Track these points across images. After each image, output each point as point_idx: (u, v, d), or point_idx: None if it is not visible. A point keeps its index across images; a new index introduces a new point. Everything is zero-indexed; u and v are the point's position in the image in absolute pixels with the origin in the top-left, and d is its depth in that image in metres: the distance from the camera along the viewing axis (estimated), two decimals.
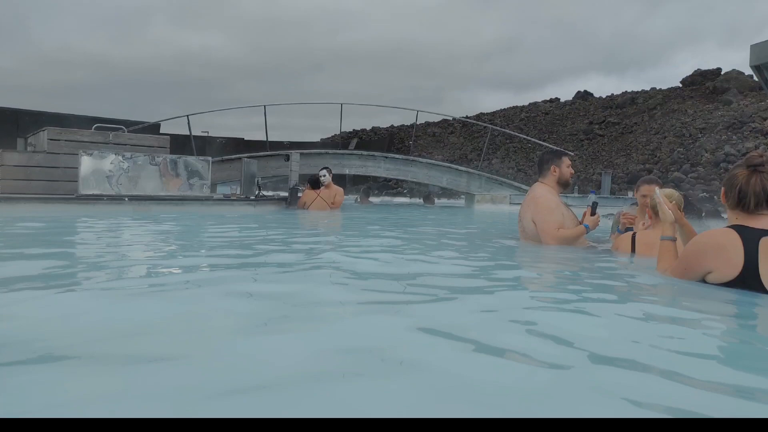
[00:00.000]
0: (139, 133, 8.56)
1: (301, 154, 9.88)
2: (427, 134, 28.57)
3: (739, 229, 2.02)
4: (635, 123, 24.39)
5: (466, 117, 28.04)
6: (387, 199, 18.48)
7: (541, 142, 18.51)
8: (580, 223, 3.62)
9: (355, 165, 11.76)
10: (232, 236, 4.16)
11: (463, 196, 13.56)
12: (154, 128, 11.17)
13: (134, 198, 6.73)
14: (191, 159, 7.49)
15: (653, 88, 27.86)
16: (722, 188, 2.16)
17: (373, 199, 14.53)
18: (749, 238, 1.97)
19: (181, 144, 10.03)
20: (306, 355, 1.18)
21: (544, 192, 3.72)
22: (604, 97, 29.20)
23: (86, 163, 6.64)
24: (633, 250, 3.18)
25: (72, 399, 0.93)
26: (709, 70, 26.19)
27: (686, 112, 23.10)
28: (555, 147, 12.10)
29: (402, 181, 16.05)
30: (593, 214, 3.62)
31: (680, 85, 26.75)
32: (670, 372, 1.10)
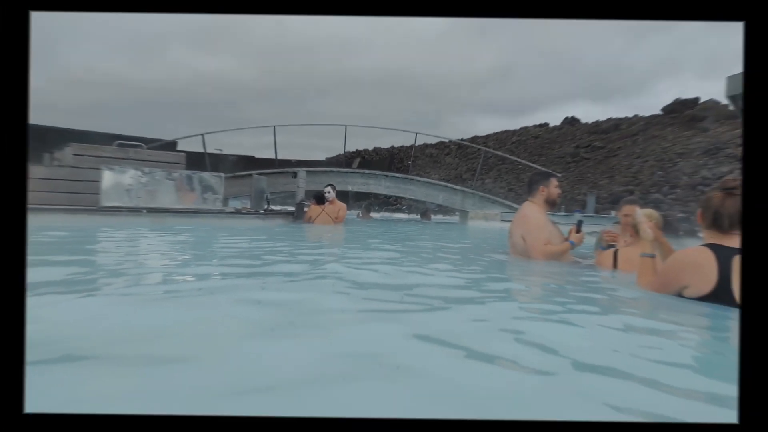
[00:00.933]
0: (157, 149, 8.59)
1: (308, 171, 9.91)
2: (425, 155, 28.68)
3: (714, 247, 2.03)
4: (619, 147, 24.51)
5: (462, 139, 28.13)
6: (387, 214, 18.50)
7: (530, 164, 18.58)
8: (566, 239, 3.64)
9: (358, 182, 11.79)
10: (242, 247, 4.17)
11: (457, 213, 13.58)
12: (171, 145, 11.21)
13: (152, 210, 6.75)
14: (205, 175, 7.52)
15: (636, 115, 28.04)
16: (699, 210, 2.18)
17: (374, 215, 14.55)
18: (723, 256, 1.99)
19: (196, 161, 10.06)
20: (310, 359, 1.19)
21: (532, 210, 3.74)
22: (590, 122, 29.41)
23: (108, 177, 6.68)
24: (615, 265, 3.19)
25: (93, 396, 0.94)
26: (688, 99, 26.33)
27: (666, 138, 23.24)
28: (544, 169, 12.15)
29: (401, 198, 16.07)
30: (578, 231, 3.64)
31: (661, 113, 26.90)
32: (648, 379, 1.11)
